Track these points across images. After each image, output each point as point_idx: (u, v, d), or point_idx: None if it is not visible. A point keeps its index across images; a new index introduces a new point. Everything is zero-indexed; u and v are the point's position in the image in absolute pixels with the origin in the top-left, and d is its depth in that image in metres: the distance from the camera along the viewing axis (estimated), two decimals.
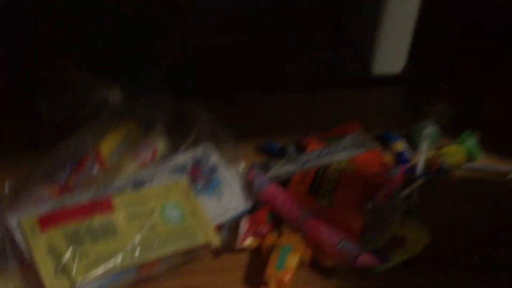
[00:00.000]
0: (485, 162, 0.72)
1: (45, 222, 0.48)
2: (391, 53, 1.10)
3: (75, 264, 0.46)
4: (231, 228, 0.58)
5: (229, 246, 0.57)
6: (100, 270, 0.46)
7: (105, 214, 0.50)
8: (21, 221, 0.47)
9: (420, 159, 0.70)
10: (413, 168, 0.68)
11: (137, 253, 0.49)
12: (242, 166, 0.63)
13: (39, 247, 0.46)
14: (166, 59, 0.85)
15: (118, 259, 0.47)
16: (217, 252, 0.56)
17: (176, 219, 0.53)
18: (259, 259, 0.56)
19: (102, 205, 0.51)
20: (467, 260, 0.58)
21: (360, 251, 0.53)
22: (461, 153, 0.70)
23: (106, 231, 0.49)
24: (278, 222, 0.58)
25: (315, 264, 0.56)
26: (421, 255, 0.56)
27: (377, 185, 0.60)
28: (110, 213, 0.50)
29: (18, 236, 0.47)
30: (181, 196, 0.55)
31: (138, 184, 0.56)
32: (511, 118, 0.79)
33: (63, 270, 0.46)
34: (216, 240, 0.54)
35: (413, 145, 0.73)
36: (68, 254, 0.46)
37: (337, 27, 1.02)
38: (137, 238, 0.49)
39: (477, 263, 0.58)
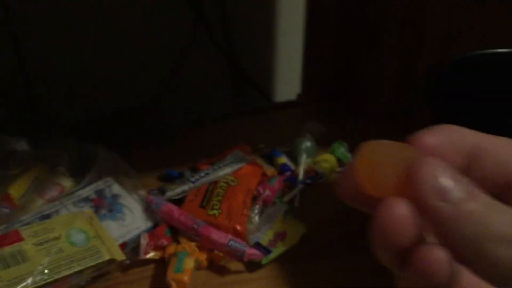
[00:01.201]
0: None
1: None
2: (287, 81, 1.24)
3: None
4: (136, 245, 0.66)
5: (135, 261, 0.64)
6: None
7: (15, 244, 0.56)
8: None
9: (300, 169, 0.81)
10: (294, 176, 0.79)
11: (46, 273, 0.55)
12: (142, 193, 0.72)
13: None
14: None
15: (29, 281, 0.54)
16: (125, 267, 0.64)
17: (81, 242, 0.60)
18: (163, 269, 0.64)
19: (11, 237, 0.57)
20: (338, 247, 0.69)
21: (247, 247, 0.63)
22: (333, 160, 0.82)
23: (16, 258, 0.55)
24: (176, 234, 0.67)
25: (213, 265, 0.65)
26: (299, 244, 0.67)
27: (258, 192, 0.71)
28: (20, 243, 0.57)
29: None
30: (85, 222, 0.63)
31: (45, 217, 0.63)
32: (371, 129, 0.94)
33: None
34: (120, 256, 0.61)
35: (295, 158, 0.84)
36: None
37: (234, 65, 1.14)
38: (45, 261, 0.56)
39: (345, 249, 0.69)
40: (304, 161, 0.83)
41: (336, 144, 0.85)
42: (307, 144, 0.85)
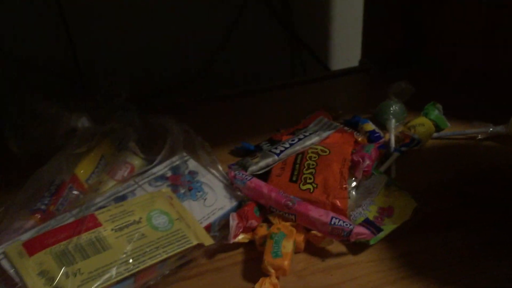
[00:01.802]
0: (452, 130, 0.74)
1: (32, 246, 0.46)
2: (346, 50, 1.14)
3: (69, 283, 0.44)
4: (221, 227, 0.58)
5: (222, 245, 0.56)
6: (96, 285, 0.45)
7: (92, 230, 0.49)
8: (7, 249, 0.46)
9: (391, 135, 0.71)
10: (386, 144, 0.70)
11: (130, 263, 0.48)
12: (220, 168, 0.63)
13: (29, 271, 0.45)
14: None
15: (112, 272, 0.46)
16: (211, 253, 0.56)
17: (164, 226, 0.52)
18: (254, 253, 0.56)
19: (88, 222, 0.50)
20: (453, 218, 0.59)
21: (353, 225, 0.54)
22: (428, 123, 0.72)
23: (96, 246, 0.48)
24: (266, 214, 0.58)
25: (310, 247, 0.56)
26: (409, 220, 0.57)
27: (355, 162, 0.61)
28: (97, 229, 0.49)
29: (5, 265, 0.45)
30: (165, 203, 0.55)
31: (120, 199, 0.55)
32: (464, 85, 0.83)
33: None
34: (207, 240, 0.53)
35: (381, 124, 0.74)
36: (59, 274, 0.45)
37: (291, 33, 1.05)
38: (128, 248, 0.48)
39: (463, 220, 0.59)
40: (394, 126, 0.73)
41: (429, 106, 0.75)
42: (395, 107, 0.75)
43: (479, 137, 0.72)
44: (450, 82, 0.84)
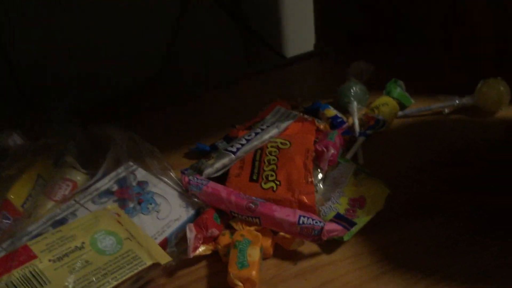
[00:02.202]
0: (417, 107, 0.70)
1: None
2: (300, 35, 1.09)
3: None
4: (179, 241, 0.52)
5: (182, 261, 0.50)
6: None
7: (26, 264, 0.42)
8: None
9: (354, 119, 0.67)
10: (349, 130, 0.65)
11: None
12: (173, 175, 0.57)
13: None
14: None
15: None
16: (171, 270, 0.50)
17: (112, 248, 0.46)
18: (218, 265, 0.50)
19: (20, 255, 0.43)
20: (430, 204, 0.55)
21: (323, 222, 0.48)
22: (392, 102, 0.67)
23: (31, 283, 0.41)
24: (228, 220, 0.53)
25: (280, 251, 0.51)
26: (383, 210, 0.53)
27: (319, 152, 0.56)
28: (32, 262, 0.43)
29: None
30: (112, 222, 0.48)
31: (59, 223, 0.49)
32: (425, 60, 0.79)
33: None
34: (164, 258, 0.47)
35: (343, 108, 0.69)
36: None
37: (242, 24, 0.99)
38: (70, 280, 0.42)
39: (440, 205, 0.55)
40: (356, 109, 0.68)
41: (390, 83, 0.71)
42: (356, 89, 0.70)
43: (446, 111, 0.68)
44: (410, 56, 0.80)
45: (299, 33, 1.10)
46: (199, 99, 0.80)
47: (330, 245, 0.51)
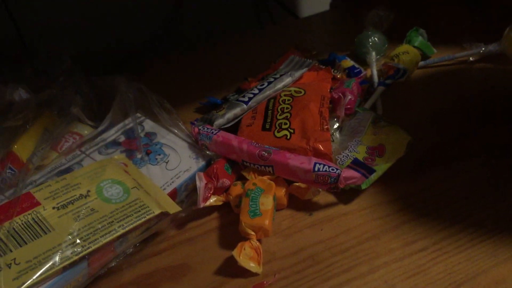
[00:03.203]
0: (439, 56, 0.66)
1: None
2: None
3: (1, 277, 0.36)
4: (189, 192, 0.50)
5: (192, 212, 0.48)
6: (36, 275, 0.37)
7: (29, 211, 0.41)
8: None
9: (373, 69, 0.63)
10: (368, 80, 0.62)
11: (79, 244, 0.39)
12: (182, 126, 0.55)
13: None
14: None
15: (56, 257, 0.38)
16: (181, 222, 0.48)
17: (118, 197, 0.44)
18: (230, 217, 0.48)
19: (23, 202, 0.41)
20: (453, 152, 0.52)
21: (340, 169, 0.46)
22: (413, 51, 0.64)
23: (34, 230, 0.40)
24: (239, 170, 0.50)
25: (294, 202, 0.48)
26: (404, 157, 0.50)
27: (336, 100, 0.53)
28: (35, 209, 0.41)
29: None
30: (118, 171, 0.46)
31: (64, 173, 0.47)
32: (447, 10, 0.75)
33: None
34: (173, 208, 0.45)
35: (361, 60, 0.66)
36: None
37: None
38: (75, 227, 0.40)
39: (463, 153, 0.51)
40: (374, 59, 0.65)
41: (411, 32, 0.67)
42: (374, 38, 0.66)
43: (471, 59, 0.64)
44: (434, 3, 0.76)
45: None
46: (210, 51, 0.77)
47: (347, 194, 0.48)
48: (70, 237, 0.39)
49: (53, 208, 0.41)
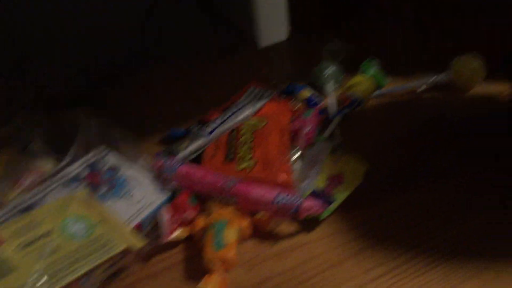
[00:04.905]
0: (392, 85, 0.70)
1: None
2: (272, 23, 1.07)
3: None
4: (154, 226, 0.50)
5: (157, 247, 0.49)
6: None
7: None
8: None
9: (330, 98, 0.66)
10: (326, 109, 0.64)
11: (45, 282, 0.39)
12: (147, 159, 0.55)
13: None
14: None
15: None
16: (146, 257, 0.48)
17: (83, 233, 0.44)
18: (195, 250, 0.49)
19: None
20: (408, 178, 0.54)
21: (300, 200, 0.47)
22: (368, 82, 0.67)
23: None
24: (203, 202, 0.51)
25: (258, 233, 0.50)
26: (362, 185, 0.52)
27: (295, 130, 0.55)
28: None
29: None
30: (82, 207, 0.47)
31: (26, 210, 0.46)
32: (399, 41, 0.78)
33: None
34: (138, 242, 0.46)
35: (319, 89, 0.68)
36: None
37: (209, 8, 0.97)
38: (40, 266, 0.40)
39: (418, 179, 0.54)
40: (332, 89, 0.67)
41: (366, 63, 0.70)
42: (332, 68, 0.69)
43: (422, 87, 0.68)
44: (385, 35, 0.80)
45: (273, 19, 1.08)
46: (171, 81, 0.78)
47: (308, 224, 0.50)
48: (36, 275, 0.39)
49: (17, 246, 0.41)
